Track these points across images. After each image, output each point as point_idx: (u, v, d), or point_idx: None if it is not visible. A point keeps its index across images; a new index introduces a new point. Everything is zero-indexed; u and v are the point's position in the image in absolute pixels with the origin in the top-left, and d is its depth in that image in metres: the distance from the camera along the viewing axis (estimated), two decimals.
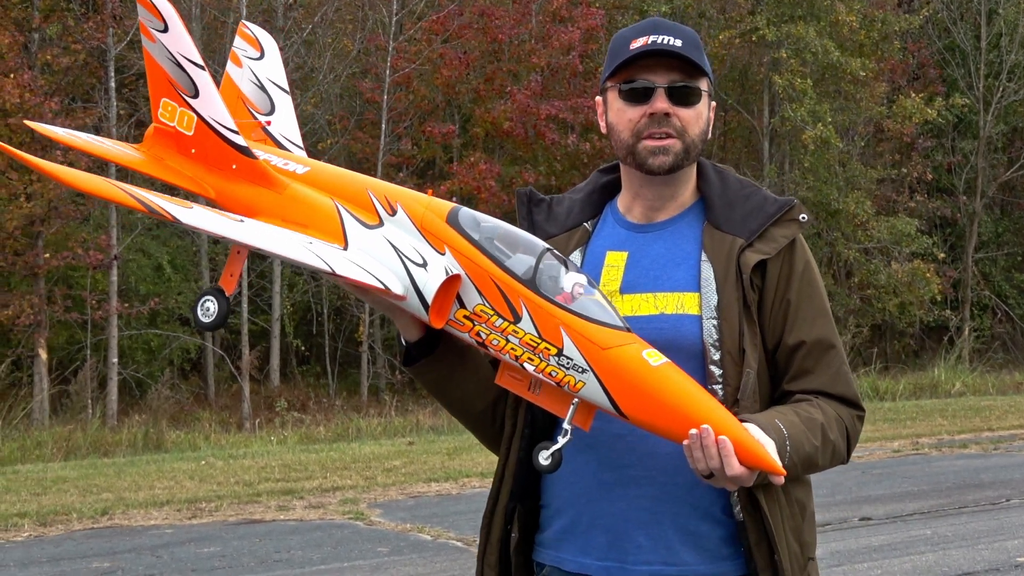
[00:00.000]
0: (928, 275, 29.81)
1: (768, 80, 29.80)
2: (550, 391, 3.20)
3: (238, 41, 4.04)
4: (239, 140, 3.53)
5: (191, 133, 3.55)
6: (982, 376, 28.54)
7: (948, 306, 32.58)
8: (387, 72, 27.05)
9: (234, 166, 3.51)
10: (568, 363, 3.11)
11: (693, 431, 3.01)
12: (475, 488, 14.26)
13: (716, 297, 3.36)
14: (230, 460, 17.17)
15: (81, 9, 25.11)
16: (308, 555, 11.02)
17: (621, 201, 3.59)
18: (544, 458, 3.19)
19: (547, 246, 3.24)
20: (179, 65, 3.54)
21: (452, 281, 3.22)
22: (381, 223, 3.37)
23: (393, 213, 3.37)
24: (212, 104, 3.54)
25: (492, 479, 3.62)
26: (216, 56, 26.81)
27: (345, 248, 3.32)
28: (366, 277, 3.21)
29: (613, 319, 3.14)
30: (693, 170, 3.53)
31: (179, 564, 10.75)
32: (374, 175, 28.90)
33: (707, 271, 3.39)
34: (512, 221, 3.48)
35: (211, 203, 3.58)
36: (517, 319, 3.16)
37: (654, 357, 3.10)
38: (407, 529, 12.08)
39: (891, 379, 27.52)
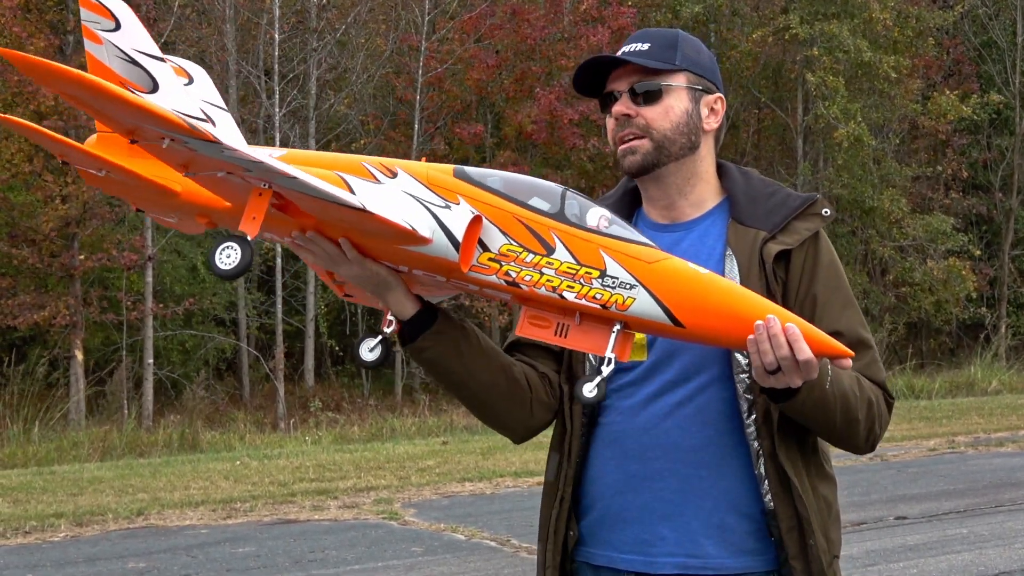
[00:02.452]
0: (964, 272, 29.64)
1: (801, 78, 29.68)
2: (583, 328, 3.18)
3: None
4: (207, 129, 3.29)
5: None
6: (1019, 374, 28.38)
7: (984, 303, 32.39)
8: (419, 72, 27.09)
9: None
10: (614, 283, 3.10)
11: (759, 322, 3.03)
12: (509, 488, 14.25)
13: None
14: (265, 460, 17.22)
15: None
16: (342, 555, 11.04)
17: (644, 206, 3.66)
18: (588, 390, 3.15)
19: (565, 187, 3.26)
20: (134, 62, 3.41)
21: (474, 223, 3.19)
22: (383, 182, 3.31)
23: (395, 175, 3.33)
24: (172, 94, 3.41)
25: (547, 481, 3.60)
26: (248, 57, 26.93)
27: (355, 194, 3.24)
28: (394, 217, 3.13)
29: (647, 241, 3.16)
30: (696, 165, 3.56)
31: (214, 564, 10.79)
32: None
33: (731, 265, 3.44)
34: None
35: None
36: (550, 251, 3.15)
37: (697, 267, 3.13)
38: (441, 529, 12.08)
39: (927, 377, 27.38)
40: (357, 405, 25.29)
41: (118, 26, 3.42)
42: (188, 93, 3.64)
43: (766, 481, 3.38)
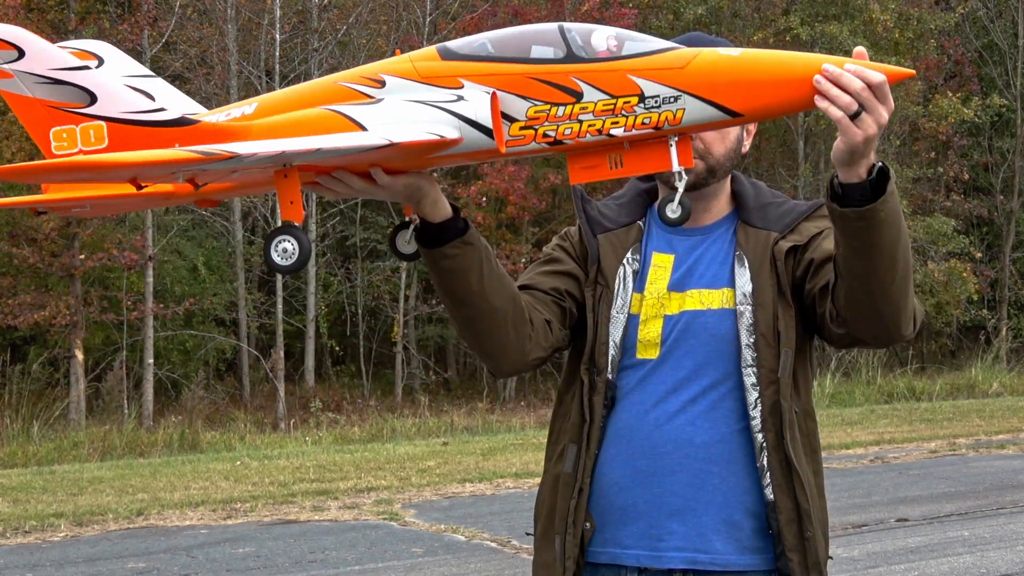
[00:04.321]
0: (965, 274, 29.62)
1: None
2: (636, 152, 3.12)
3: None
4: (168, 115, 3.24)
5: (106, 143, 3.22)
6: (1020, 376, 28.35)
7: (985, 306, 32.37)
8: None
9: (177, 144, 3.17)
10: (656, 101, 3.06)
11: (817, 76, 2.98)
12: (509, 489, 14.23)
13: (751, 285, 3.45)
14: (265, 460, 17.21)
15: (117, 11, 25.24)
16: (342, 555, 11.03)
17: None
18: (672, 210, 3.11)
19: (560, 23, 3.18)
20: (57, 81, 3.22)
21: (493, 101, 3.12)
22: (379, 98, 3.22)
23: (382, 85, 3.24)
24: (115, 97, 3.23)
25: (563, 472, 3.56)
26: (249, 58, 26.90)
27: (364, 130, 3.15)
28: (416, 136, 3.06)
29: (664, 43, 3.12)
30: (724, 185, 3.63)
31: (214, 564, 10.77)
32: None
33: (741, 264, 3.49)
34: (545, 223, 3.48)
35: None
36: (579, 96, 3.10)
37: (729, 51, 3.08)
38: (441, 530, 12.07)
39: (928, 379, 27.35)
40: (357, 405, 25.28)
41: (21, 54, 3.22)
42: (111, 77, 3.41)
43: (768, 473, 3.42)
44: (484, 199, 26.27)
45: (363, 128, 3.13)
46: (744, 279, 3.46)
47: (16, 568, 10.75)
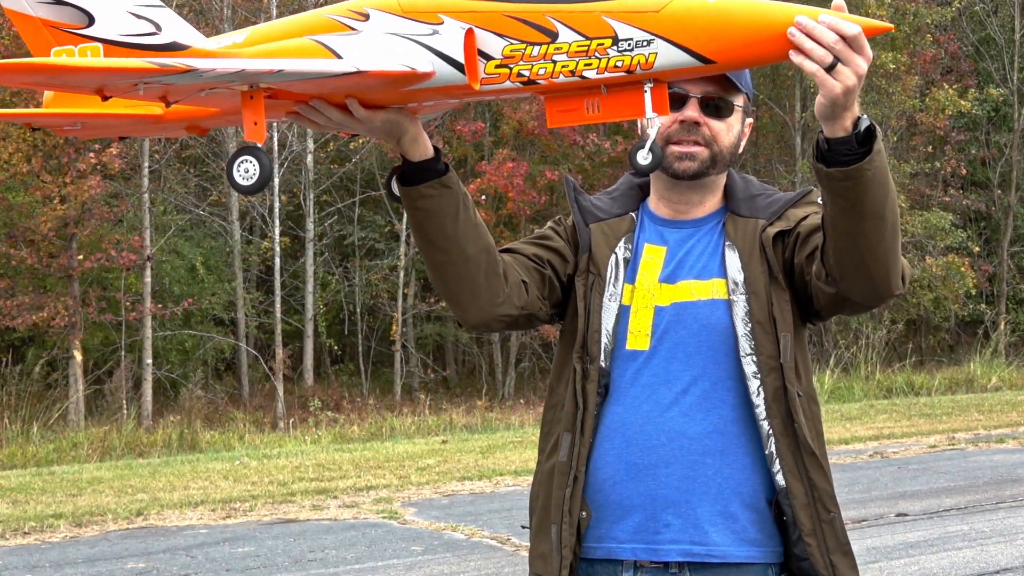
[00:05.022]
0: (963, 269, 29.62)
1: (799, 75, 29.65)
2: (613, 97, 3.11)
3: None
4: (160, 39, 3.30)
5: None
6: (1018, 370, 28.34)
7: (983, 300, 32.37)
8: None
9: None
10: (629, 44, 3.04)
11: (791, 29, 2.96)
12: (509, 487, 14.23)
13: (742, 274, 3.45)
14: (264, 460, 17.21)
15: None
16: (342, 554, 11.03)
17: (651, 202, 3.68)
18: (643, 157, 3.10)
19: None
20: (58, 2, 3.30)
21: (468, 37, 3.12)
22: (360, 30, 3.23)
23: (367, 18, 3.25)
24: (112, 20, 3.31)
25: (559, 462, 3.53)
26: None
27: (340, 59, 3.16)
28: (387, 66, 3.06)
29: None
30: (720, 180, 3.63)
31: (214, 564, 10.77)
32: None
33: (732, 253, 3.48)
34: (542, 219, 3.48)
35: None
36: (554, 36, 3.09)
37: None
38: (441, 528, 12.07)
39: (926, 374, 27.37)
40: (356, 404, 25.28)
41: None
42: (121, 4, 3.48)
43: (778, 460, 3.40)
44: (483, 197, 26.28)
45: (339, 57, 3.15)
46: (735, 268, 3.46)
47: (16, 569, 10.75)
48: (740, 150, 3.63)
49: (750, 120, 3.64)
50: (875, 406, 22.78)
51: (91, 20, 3.29)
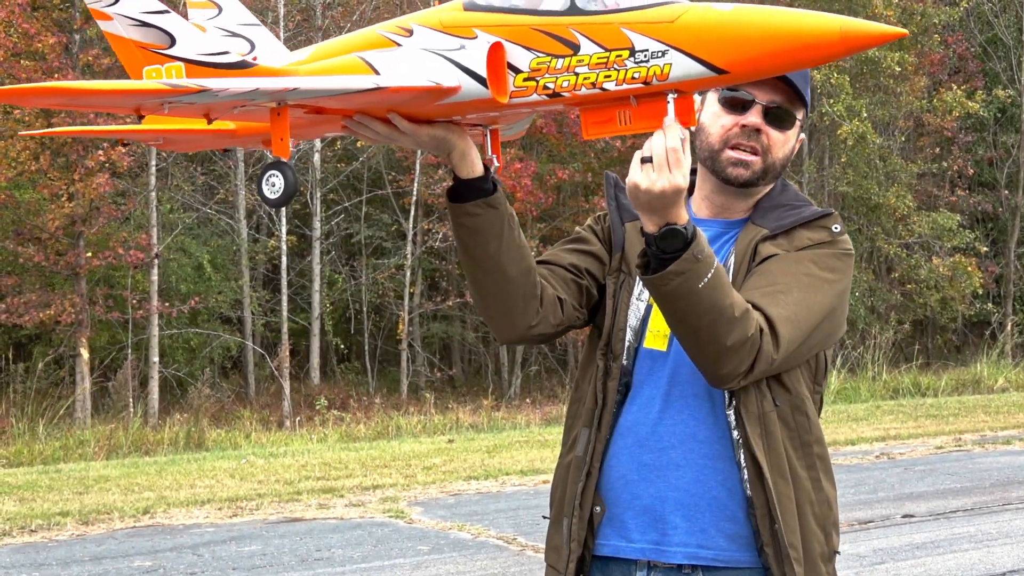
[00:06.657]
0: (970, 269, 29.59)
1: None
2: (642, 109, 3.14)
3: None
4: (230, 58, 3.43)
5: None
6: None
7: (990, 301, 32.34)
8: None
9: None
10: (645, 56, 3.07)
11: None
12: (515, 486, 14.23)
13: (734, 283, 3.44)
14: (271, 459, 17.22)
15: None
16: (348, 553, 11.03)
17: (693, 201, 3.67)
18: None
19: None
20: (145, 24, 3.46)
21: (496, 49, 3.17)
22: (403, 45, 3.33)
23: (411, 34, 3.33)
24: (191, 41, 3.46)
25: (575, 457, 3.55)
26: None
27: (377, 74, 3.27)
28: (411, 81, 3.14)
29: None
30: (763, 191, 3.61)
31: (220, 563, 10.78)
32: (413, 174, 28.80)
33: (731, 261, 3.49)
34: (551, 219, 3.49)
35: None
36: (576, 48, 3.13)
37: (721, 4, 3.08)
38: (447, 527, 12.07)
39: (933, 375, 27.32)
40: (363, 403, 25.30)
41: None
42: (212, 26, 3.74)
43: (744, 470, 3.40)
44: None
45: (377, 73, 3.25)
46: (730, 276, 3.45)
47: (22, 567, 10.76)
48: (789, 163, 3.63)
49: (803, 136, 3.63)
50: (881, 407, 22.75)
51: (173, 41, 3.45)
